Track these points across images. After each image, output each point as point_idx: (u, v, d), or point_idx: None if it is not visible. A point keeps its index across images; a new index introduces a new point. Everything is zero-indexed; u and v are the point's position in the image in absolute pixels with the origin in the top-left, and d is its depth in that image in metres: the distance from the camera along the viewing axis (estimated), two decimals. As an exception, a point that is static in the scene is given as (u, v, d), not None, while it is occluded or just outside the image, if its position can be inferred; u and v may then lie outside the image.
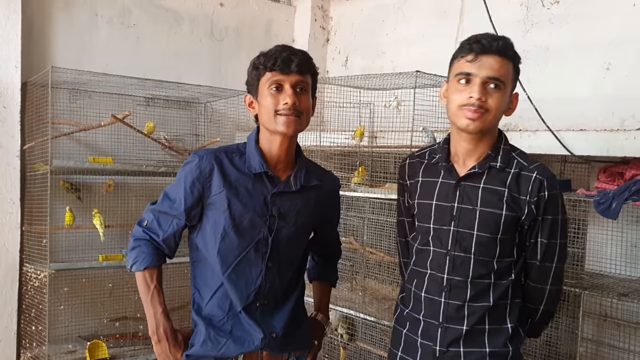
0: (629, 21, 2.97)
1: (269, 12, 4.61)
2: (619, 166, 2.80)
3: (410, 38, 4.08)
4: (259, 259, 1.78)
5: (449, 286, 1.76)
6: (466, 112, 1.68)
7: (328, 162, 3.67)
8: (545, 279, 1.80)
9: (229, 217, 1.74)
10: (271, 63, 1.70)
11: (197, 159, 1.77)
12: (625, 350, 2.89)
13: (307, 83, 1.75)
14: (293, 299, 1.86)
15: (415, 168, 1.91)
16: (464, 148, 1.77)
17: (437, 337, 1.77)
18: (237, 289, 1.77)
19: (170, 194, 1.82)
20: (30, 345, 3.51)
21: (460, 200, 1.76)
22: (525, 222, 1.74)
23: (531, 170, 1.73)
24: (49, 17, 3.65)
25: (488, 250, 1.75)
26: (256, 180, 1.78)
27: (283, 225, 1.79)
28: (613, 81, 2.98)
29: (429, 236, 1.81)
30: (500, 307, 1.76)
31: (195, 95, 4.00)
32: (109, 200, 3.74)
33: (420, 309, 1.82)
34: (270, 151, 1.79)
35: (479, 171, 1.75)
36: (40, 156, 3.41)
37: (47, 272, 3.27)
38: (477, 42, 1.68)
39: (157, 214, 1.82)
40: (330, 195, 1.97)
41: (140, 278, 1.81)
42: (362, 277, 3.82)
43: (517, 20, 3.43)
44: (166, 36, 4.12)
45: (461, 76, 1.70)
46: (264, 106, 1.73)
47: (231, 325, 1.78)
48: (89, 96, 3.76)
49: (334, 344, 3.72)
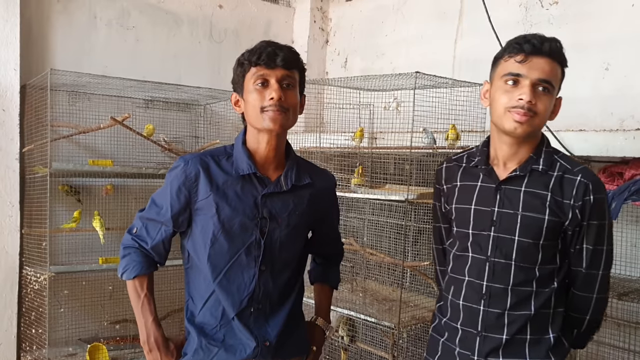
0: (628, 21, 2.97)
1: (268, 13, 4.61)
2: (618, 166, 2.80)
3: (409, 39, 4.08)
4: (252, 262, 1.73)
5: (488, 294, 1.70)
6: (514, 115, 1.62)
7: (328, 164, 3.67)
8: (591, 287, 1.74)
9: (217, 222, 1.70)
10: (256, 57, 1.66)
11: (183, 164, 1.73)
12: (626, 350, 2.89)
13: (294, 78, 1.70)
14: (290, 303, 1.81)
15: (453, 172, 1.85)
16: (505, 151, 1.72)
17: (475, 346, 1.72)
18: (229, 294, 1.72)
19: (157, 200, 1.78)
20: (30, 348, 3.51)
21: (500, 205, 1.70)
22: (569, 228, 1.69)
23: (575, 173, 1.67)
24: (48, 19, 3.64)
25: (530, 257, 1.69)
26: (245, 182, 1.72)
27: (275, 226, 1.74)
28: (612, 81, 2.98)
29: (468, 242, 1.76)
30: (542, 316, 1.70)
31: (195, 97, 4.00)
32: (108, 202, 3.73)
33: (458, 317, 1.77)
34: (258, 151, 1.74)
35: (521, 174, 1.69)
36: (39, 159, 3.40)
37: (47, 275, 3.26)
38: (528, 42, 1.61)
39: (145, 221, 1.79)
40: (325, 193, 1.90)
41: (131, 287, 1.78)
42: (362, 279, 3.82)
43: (516, 21, 3.44)
44: (165, 38, 4.11)
45: (509, 77, 1.63)
46: (250, 103, 1.69)
47: (224, 333, 1.74)
48: (88, 98, 3.76)
49: (334, 345, 3.71)
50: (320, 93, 4.13)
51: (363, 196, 3.36)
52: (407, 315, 3.11)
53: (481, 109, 3.20)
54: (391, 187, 3.40)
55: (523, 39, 1.63)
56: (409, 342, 3.55)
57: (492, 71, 1.73)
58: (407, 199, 3.00)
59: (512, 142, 1.69)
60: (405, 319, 3.04)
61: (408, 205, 3.08)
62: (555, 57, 1.63)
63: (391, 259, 3.41)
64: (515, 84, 1.62)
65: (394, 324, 2.97)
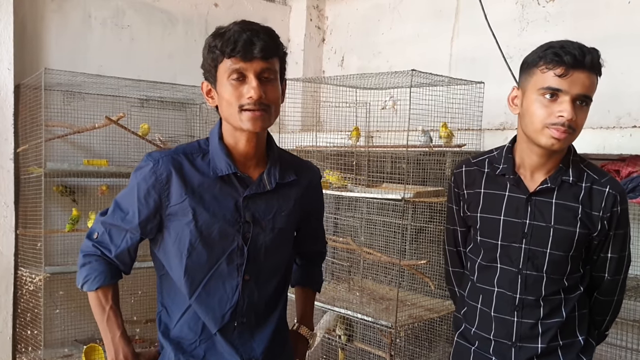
0: (624, 19, 2.97)
1: (264, 12, 4.59)
2: (615, 164, 2.80)
3: (406, 38, 4.07)
4: (234, 272, 1.54)
5: (521, 305, 1.69)
6: (553, 132, 1.56)
7: (324, 163, 3.66)
8: (614, 291, 1.76)
9: (194, 230, 1.50)
10: (230, 48, 1.43)
11: (152, 164, 1.51)
12: (623, 347, 2.89)
13: (274, 69, 1.49)
14: (277, 315, 1.65)
15: (474, 177, 1.79)
16: (534, 161, 1.67)
17: (511, 357, 1.71)
18: (209, 309, 1.53)
19: (122, 204, 1.56)
20: (26, 349, 3.49)
21: (532, 217, 1.67)
22: (596, 238, 1.68)
23: (603, 185, 1.65)
24: (42, 18, 3.62)
25: (560, 268, 1.68)
26: (223, 183, 1.53)
27: (259, 231, 1.56)
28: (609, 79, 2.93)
29: (496, 253, 1.72)
30: (570, 321, 1.71)
31: (190, 96, 3.99)
32: (104, 202, 3.71)
33: (490, 328, 1.74)
34: (237, 148, 1.54)
35: (551, 186, 1.66)
36: (34, 159, 3.39)
37: (42, 276, 3.25)
38: (569, 54, 1.52)
39: (108, 226, 1.58)
40: (311, 188, 1.72)
41: (94, 299, 1.58)
42: (359, 278, 3.81)
43: (513, 19, 3.43)
44: (160, 37, 4.10)
45: (548, 91, 1.55)
46: (225, 98, 1.47)
47: (204, 349, 1.56)
48: (83, 98, 3.74)
49: (332, 345, 3.70)
50: (316, 92, 4.12)
51: (360, 195, 3.34)
52: (405, 314, 3.10)
53: (478, 108, 3.19)
54: (388, 186, 3.39)
55: (562, 49, 1.54)
56: (407, 341, 3.54)
57: (525, 78, 1.64)
58: (404, 197, 3.00)
59: (544, 153, 1.64)
60: (403, 318, 3.03)
61: (405, 204, 3.07)
62: (595, 70, 1.56)
63: (388, 258, 3.41)
64: (553, 97, 1.55)
65: (391, 323, 2.96)
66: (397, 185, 3.31)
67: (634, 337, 2.87)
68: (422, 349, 3.50)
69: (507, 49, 3.31)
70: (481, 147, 3.17)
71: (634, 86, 2.92)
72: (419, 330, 3.40)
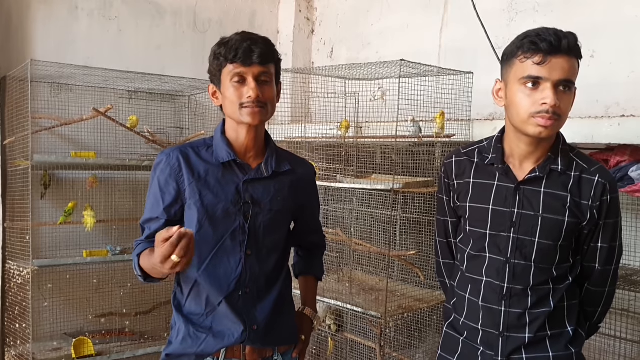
0: (613, 8, 2.97)
1: (252, 3, 4.57)
2: (603, 153, 2.81)
3: (395, 28, 4.06)
4: (237, 247, 1.76)
5: (509, 295, 1.69)
6: (538, 120, 1.56)
7: (314, 154, 3.65)
8: (605, 282, 1.76)
9: (202, 209, 1.73)
10: (232, 55, 1.68)
11: (165, 157, 1.77)
12: (612, 337, 2.91)
13: (270, 73, 1.74)
14: (277, 288, 1.84)
15: (464, 167, 1.79)
16: (522, 150, 1.68)
17: (498, 346, 1.71)
18: (215, 279, 1.74)
19: (149, 199, 1.80)
20: (14, 343, 3.47)
21: (520, 206, 1.67)
22: (586, 228, 1.68)
23: (592, 174, 1.65)
24: (28, 9, 3.58)
25: (548, 258, 1.68)
26: (226, 169, 1.77)
27: (258, 211, 1.78)
28: (597, 69, 2.98)
29: (485, 242, 1.73)
30: (559, 311, 1.71)
31: (179, 87, 3.96)
32: (93, 195, 3.69)
33: (478, 317, 1.75)
34: (238, 140, 1.79)
35: (540, 175, 1.66)
36: (21, 152, 3.36)
37: (30, 269, 3.23)
38: (544, 41, 1.53)
39: (146, 223, 1.80)
40: (305, 181, 1.94)
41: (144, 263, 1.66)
42: (349, 269, 3.81)
43: (502, 9, 3.43)
44: (148, 28, 4.06)
45: (529, 80, 1.56)
46: (228, 98, 1.73)
47: (211, 320, 1.76)
48: (71, 90, 3.71)
49: (322, 335, 3.71)
50: (305, 83, 4.10)
51: (349, 186, 3.34)
52: (394, 305, 3.11)
53: (467, 98, 3.20)
54: (377, 177, 3.40)
55: (537, 36, 1.54)
56: (396, 331, 3.55)
57: (506, 70, 1.65)
58: (393, 188, 3.00)
59: (532, 142, 1.64)
60: (392, 309, 3.04)
61: (394, 194, 3.07)
62: (573, 54, 1.56)
63: (377, 249, 3.41)
64: (535, 85, 1.56)
65: (381, 314, 2.97)
66: (386, 176, 3.32)
67: (622, 326, 2.89)
68: (412, 339, 3.51)
69: (496, 40, 3.31)
70: (470, 137, 3.18)
71: (623, 76, 2.93)
72: (408, 321, 3.42)
